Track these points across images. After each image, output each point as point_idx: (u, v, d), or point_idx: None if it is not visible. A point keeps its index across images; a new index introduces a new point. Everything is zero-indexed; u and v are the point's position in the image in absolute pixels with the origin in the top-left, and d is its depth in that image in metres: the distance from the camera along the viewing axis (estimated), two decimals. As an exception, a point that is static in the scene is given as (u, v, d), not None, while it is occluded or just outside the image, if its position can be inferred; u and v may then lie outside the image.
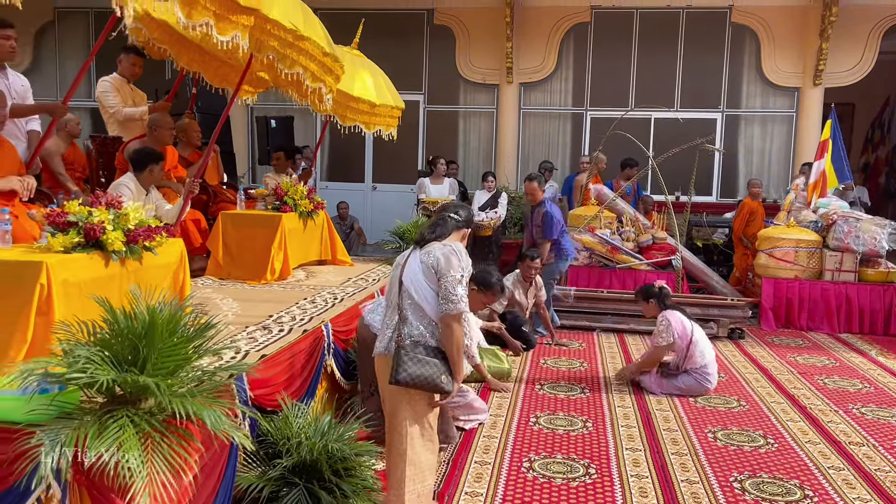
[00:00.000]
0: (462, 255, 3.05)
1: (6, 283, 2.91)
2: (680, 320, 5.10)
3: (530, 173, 6.90)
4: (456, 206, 3.37)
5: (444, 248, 3.06)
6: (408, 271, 3.07)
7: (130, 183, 4.88)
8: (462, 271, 3.01)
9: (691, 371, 5.04)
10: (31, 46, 11.63)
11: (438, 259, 3.00)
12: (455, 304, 2.94)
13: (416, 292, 3.01)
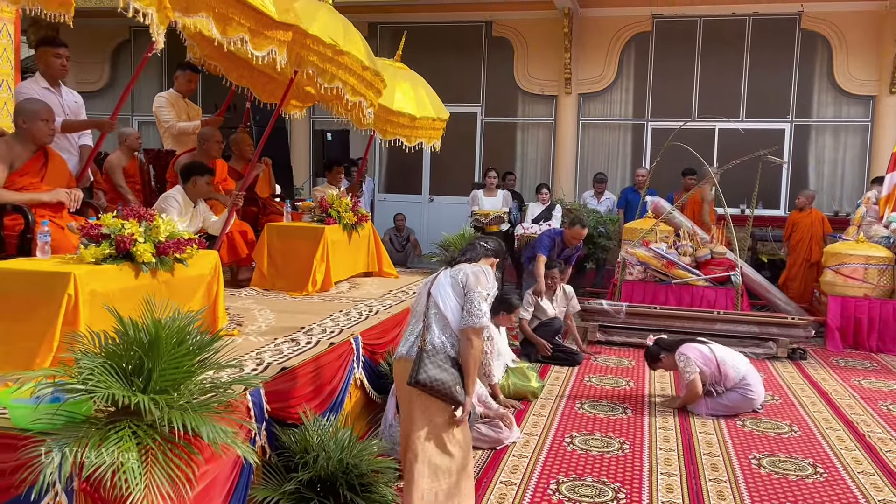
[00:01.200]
0: (489, 276, 3.18)
1: (37, 292, 3.02)
2: (695, 349, 4.95)
3: (582, 219, 6.71)
4: (487, 237, 3.59)
5: (475, 267, 3.19)
6: (437, 284, 3.19)
7: (178, 195, 5.02)
8: (488, 290, 3.12)
9: (733, 389, 4.84)
10: (108, 65, 12.20)
11: (468, 275, 3.12)
12: (478, 319, 3.02)
13: (442, 303, 3.09)
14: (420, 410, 3.04)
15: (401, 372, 3.13)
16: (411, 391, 3.02)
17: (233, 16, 3.86)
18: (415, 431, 3.04)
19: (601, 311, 7.06)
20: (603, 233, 9.31)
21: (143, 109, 10.90)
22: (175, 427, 2.25)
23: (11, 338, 3.03)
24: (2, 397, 2.43)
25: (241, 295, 5.21)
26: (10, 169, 3.93)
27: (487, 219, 8.51)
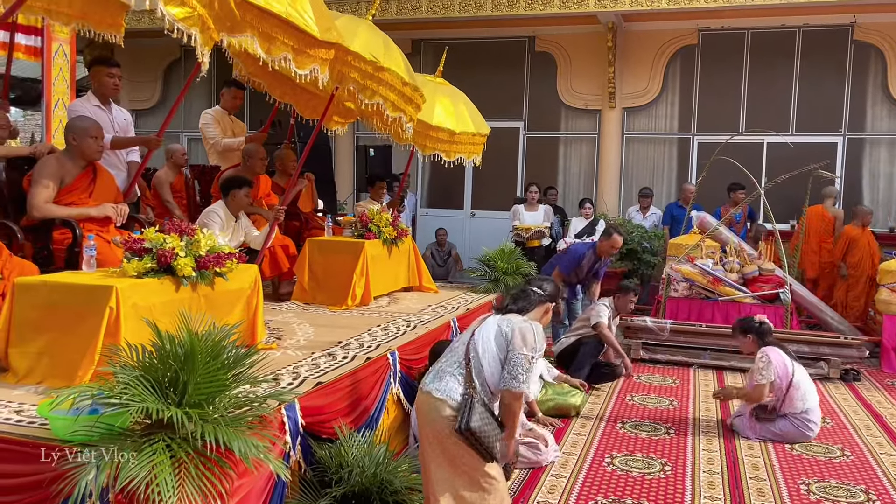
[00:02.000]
0: (538, 337, 3.07)
1: (80, 305, 3.09)
2: (781, 358, 4.73)
3: (619, 228, 6.51)
4: (542, 280, 3.48)
5: (525, 323, 3.09)
6: (483, 327, 3.13)
7: (220, 210, 5.11)
8: (534, 353, 3.02)
9: (790, 416, 4.65)
10: (160, 83, 12.54)
11: (514, 331, 3.02)
12: (518, 383, 2.94)
13: (481, 349, 3.04)
14: (448, 455, 2.94)
15: (423, 406, 3.05)
16: (441, 432, 2.93)
17: (276, 35, 3.93)
18: (440, 479, 2.95)
19: (645, 329, 6.94)
20: (647, 248, 9.17)
21: (193, 126, 11.14)
22: (208, 441, 2.27)
23: (56, 350, 3.11)
24: (43, 408, 2.48)
25: (281, 309, 5.25)
26: (60, 184, 4.05)
27: (528, 234, 8.46)
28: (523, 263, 6.78)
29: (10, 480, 2.42)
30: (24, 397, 2.92)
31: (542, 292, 3.29)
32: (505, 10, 9.75)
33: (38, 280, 3.26)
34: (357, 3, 10.04)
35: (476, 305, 5.82)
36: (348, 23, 5.02)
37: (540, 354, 3.08)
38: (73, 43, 8.34)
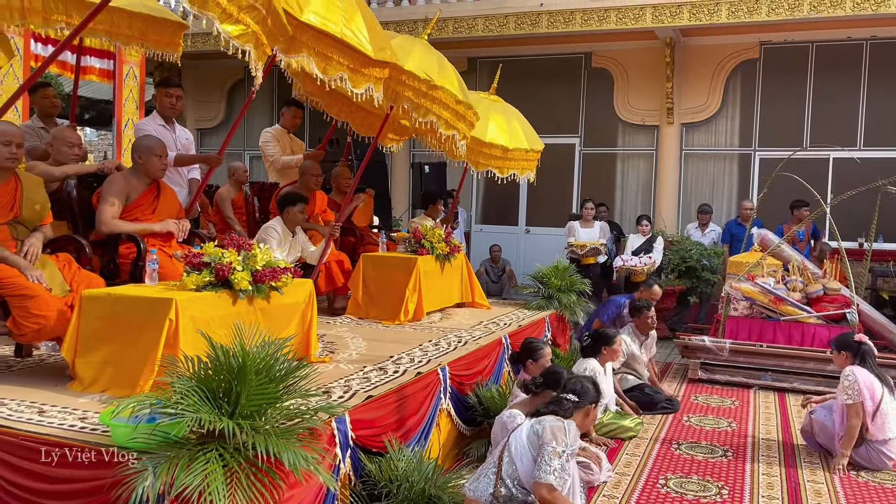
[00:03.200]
0: (571, 433, 3.08)
1: (142, 317, 3.20)
2: (870, 380, 4.47)
3: (658, 280, 6.40)
4: (580, 381, 3.40)
5: (557, 421, 3.11)
6: (518, 430, 3.19)
7: (277, 226, 5.24)
8: (566, 447, 3.02)
9: (870, 443, 4.41)
10: (224, 103, 12.92)
11: (545, 428, 3.07)
12: (546, 474, 2.95)
13: (514, 449, 3.10)
14: None
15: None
16: None
17: (332, 55, 4.03)
18: None
19: (703, 348, 6.77)
20: (706, 266, 8.98)
21: (254, 144, 11.44)
22: (259, 452, 2.32)
23: (119, 360, 3.23)
24: (105, 416, 2.58)
25: (336, 323, 5.33)
26: (126, 201, 4.22)
27: (583, 251, 8.38)
28: (577, 280, 6.73)
29: (74, 485, 2.53)
30: (88, 405, 3.04)
31: (576, 400, 3.28)
32: (561, 26, 9.75)
33: (104, 292, 3.40)
34: (414, 24, 10.19)
35: (528, 322, 5.79)
36: (404, 42, 5.11)
37: (573, 450, 3.08)
38: (143, 65, 8.72)
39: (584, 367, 4.86)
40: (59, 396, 3.17)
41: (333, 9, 4.02)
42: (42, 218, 3.83)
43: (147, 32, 4.65)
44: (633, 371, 5.77)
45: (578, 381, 3.41)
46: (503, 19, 9.97)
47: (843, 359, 4.67)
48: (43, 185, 3.90)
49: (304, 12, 3.82)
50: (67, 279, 3.66)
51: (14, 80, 7.02)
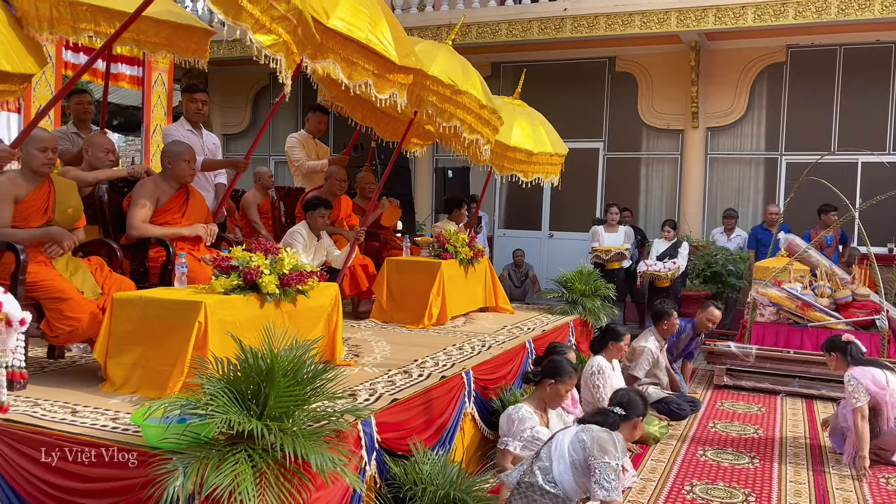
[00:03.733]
0: (619, 444, 3.08)
1: (172, 319, 3.26)
2: (869, 374, 4.48)
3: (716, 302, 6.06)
4: (622, 397, 3.41)
5: (603, 433, 3.11)
6: (562, 432, 3.23)
7: (303, 230, 5.29)
8: (618, 460, 3.03)
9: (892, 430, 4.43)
10: (250, 108, 13.07)
11: (593, 440, 3.06)
12: (611, 492, 2.96)
13: (555, 446, 3.14)
14: None
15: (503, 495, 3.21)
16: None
17: (358, 61, 4.08)
18: None
19: (729, 354, 6.71)
20: (732, 271, 8.90)
21: (279, 150, 11.55)
22: (287, 453, 2.35)
23: (150, 361, 3.29)
24: (136, 417, 2.62)
25: (360, 326, 5.37)
26: (156, 205, 4.29)
27: (608, 255, 8.35)
28: (602, 285, 6.70)
29: (106, 484, 2.58)
30: (120, 406, 3.10)
31: (623, 413, 3.28)
32: (585, 31, 9.74)
33: (135, 295, 3.46)
34: (437, 29, 10.23)
35: (552, 327, 5.79)
36: (428, 48, 5.15)
37: (624, 459, 3.10)
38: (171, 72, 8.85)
39: (590, 364, 4.87)
40: (92, 397, 3.23)
41: (359, 15, 4.07)
42: (75, 221, 3.90)
43: (174, 40, 4.72)
44: (655, 377, 5.73)
45: (627, 393, 3.39)
46: (527, 24, 9.98)
47: (834, 360, 4.75)
48: (76, 189, 3.98)
49: (330, 18, 3.87)
50: (99, 282, 3.73)
51: (46, 87, 7.17)
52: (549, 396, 3.99)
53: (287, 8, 3.20)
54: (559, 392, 3.96)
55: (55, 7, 4.16)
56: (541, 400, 4.07)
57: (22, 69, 4.04)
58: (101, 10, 4.27)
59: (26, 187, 3.64)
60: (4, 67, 3.91)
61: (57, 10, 4.15)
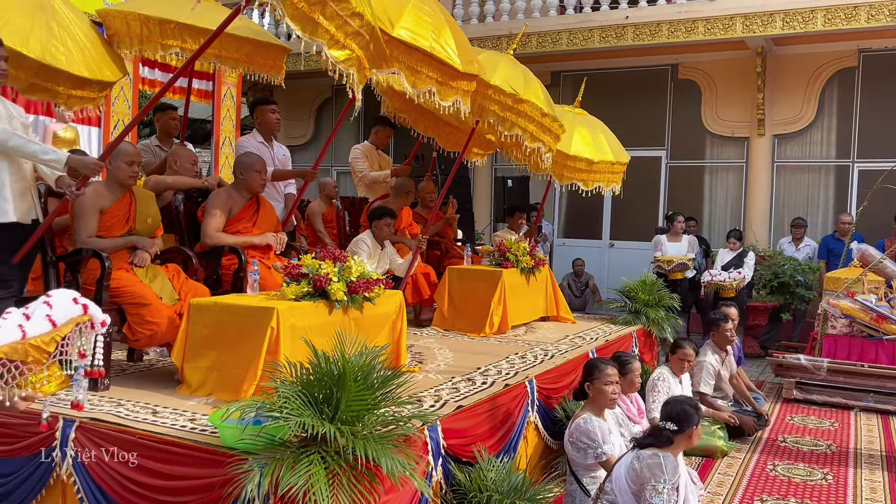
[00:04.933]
0: (668, 467, 3.07)
1: (246, 325, 3.37)
2: None
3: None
4: (672, 409, 3.32)
5: (653, 457, 3.11)
6: (619, 464, 3.26)
7: (367, 239, 5.39)
8: (664, 483, 3.03)
9: None
10: (313, 120, 13.36)
11: (643, 468, 3.09)
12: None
13: (615, 480, 3.19)
14: None
15: None
16: None
17: (421, 69, 4.15)
18: None
19: (799, 367, 6.53)
20: (801, 282, 8.65)
21: (343, 160, 11.77)
22: (358, 456, 2.41)
23: (225, 365, 3.41)
24: (214, 418, 2.73)
25: (422, 334, 5.43)
26: (228, 214, 4.44)
27: (670, 266, 8.21)
28: (665, 296, 6.60)
29: (186, 482, 2.68)
30: (196, 408, 3.22)
31: (674, 428, 3.22)
32: (647, 39, 9.64)
33: (210, 301, 3.60)
34: (497, 39, 10.28)
35: (615, 337, 5.74)
36: (489, 58, 5.19)
37: (674, 483, 3.06)
38: (240, 86, 9.14)
39: (654, 374, 4.82)
40: (170, 398, 3.37)
41: (423, 24, 4.15)
42: (153, 230, 4.08)
43: (253, 56, 4.90)
44: (720, 391, 5.61)
45: (677, 404, 3.31)
46: (587, 33, 9.94)
47: None
48: (154, 200, 4.16)
49: (395, 28, 3.96)
50: (176, 288, 3.89)
51: (124, 102, 7.50)
52: (596, 398, 3.89)
53: (360, 24, 3.30)
54: (601, 390, 3.82)
55: (145, 25, 4.38)
56: (593, 404, 4.01)
57: (100, 76, 4.26)
58: (187, 27, 4.47)
59: (110, 198, 3.83)
60: (83, 73, 4.13)
61: (146, 28, 4.38)
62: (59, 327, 1.94)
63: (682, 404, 3.31)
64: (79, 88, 4.29)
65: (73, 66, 4.08)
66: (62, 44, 4.04)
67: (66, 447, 2.94)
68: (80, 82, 4.21)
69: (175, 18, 4.46)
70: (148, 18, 4.42)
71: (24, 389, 1.87)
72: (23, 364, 1.82)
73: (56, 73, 4.03)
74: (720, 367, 5.50)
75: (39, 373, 1.90)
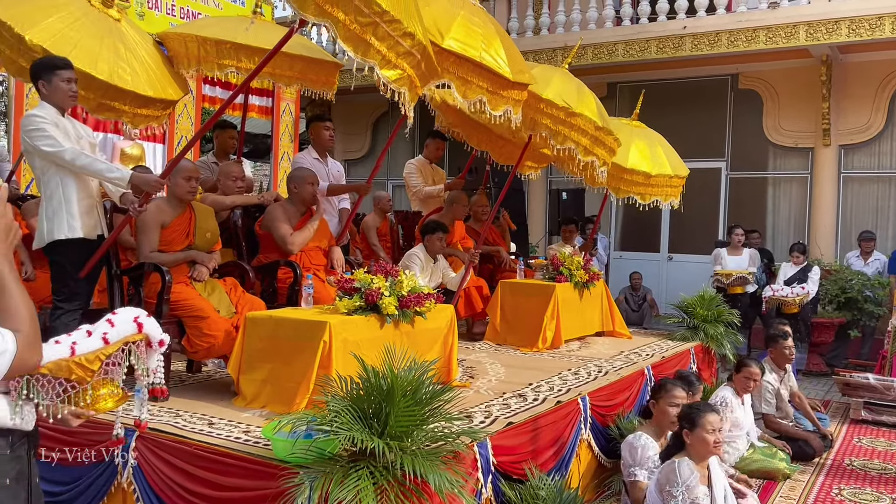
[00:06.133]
0: (681, 471, 3.15)
1: (299, 339, 3.43)
2: None
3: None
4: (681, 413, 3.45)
5: (670, 464, 3.21)
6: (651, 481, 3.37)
7: (420, 253, 5.43)
8: (678, 487, 3.12)
9: None
10: (369, 135, 13.54)
11: (662, 474, 3.23)
12: None
13: (649, 498, 3.30)
14: None
15: None
16: None
17: (472, 79, 4.19)
18: None
19: (867, 387, 6.26)
20: (870, 298, 8.31)
21: (397, 174, 11.89)
22: (407, 472, 2.42)
23: (279, 378, 3.47)
24: (267, 430, 2.78)
25: (474, 348, 5.42)
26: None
27: (729, 279, 8.00)
28: (725, 311, 6.43)
29: (239, 493, 2.74)
30: (251, 420, 3.29)
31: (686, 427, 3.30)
32: (706, 48, 9.46)
33: (266, 315, 3.67)
34: (553, 52, 10.25)
35: (672, 353, 5.61)
36: (543, 72, 5.19)
37: (691, 483, 3.13)
38: (298, 102, 9.34)
39: (716, 395, 4.71)
40: (226, 410, 3.44)
41: (473, 34, 4.18)
42: (212, 245, 4.19)
43: (306, 73, 5.00)
44: (780, 410, 5.41)
45: (685, 406, 3.44)
46: (644, 44, 9.81)
47: None
48: (213, 215, 4.27)
49: (444, 39, 4.00)
50: (233, 302, 3.98)
51: (188, 120, 7.75)
52: (659, 418, 3.85)
53: (412, 44, 3.34)
54: (665, 411, 3.80)
55: (202, 46, 4.53)
56: (656, 425, 3.94)
57: (163, 95, 4.41)
58: (243, 47, 4.61)
59: (171, 214, 3.96)
60: (147, 93, 4.28)
61: (204, 48, 4.53)
62: (107, 346, 1.99)
63: (690, 407, 3.42)
64: (144, 107, 4.45)
65: (138, 85, 4.23)
66: (128, 64, 4.20)
67: (128, 456, 3.04)
68: (144, 101, 4.37)
69: (231, 39, 4.60)
70: (205, 40, 4.57)
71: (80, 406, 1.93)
72: (66, 381, 1.87)
73: (122, 93, 4.19)
74: (779, 385, 5.32)
75: (99, 389, 1.96)
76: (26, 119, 3.59)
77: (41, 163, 3.62)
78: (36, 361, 1.57)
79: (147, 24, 7.02)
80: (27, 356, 1.51)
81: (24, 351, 1.50)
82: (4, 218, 1.55)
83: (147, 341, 2.28)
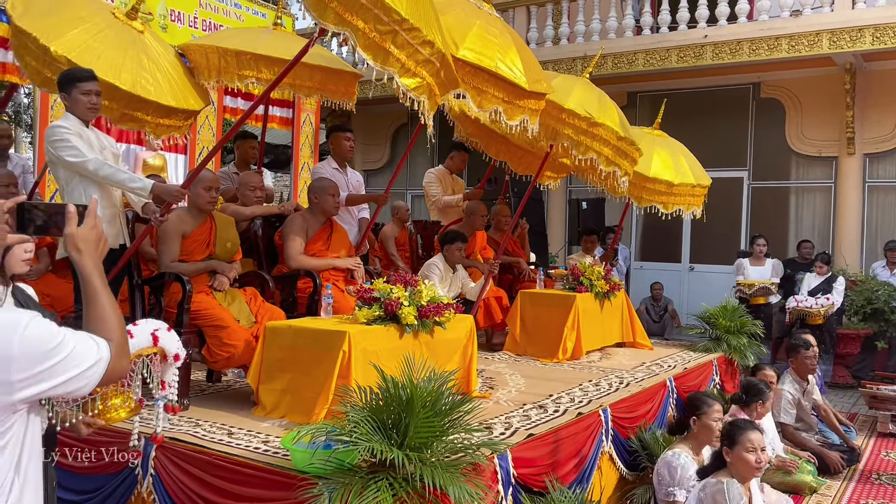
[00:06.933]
0: (732, 495, 3.09)
1: (318, 348, 3.42)
2: None
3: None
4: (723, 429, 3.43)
5: (718, 485, 3.16)
6: (689, 496, 3.33)
7: (439, 263, 5.41)
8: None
9: None
10: (389, 145, 13.58)
11: (707, 495, 3.17)
12: None
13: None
14: None
15: None
16: None
17: (487, 89, 4.18)
18: None
19: (894, 399, 6.14)
20: (896, 308, 8.17)
21: (416, 184, 11.91)
22: (426, 483, 2.39)
23: (298, 388, 3.46)
24: (286, 440, 2.77)
25: (494, 359, 5.39)
26: (305, 238, 4.54)
27: (752, 290, 7.90)
28: (748, 322, 6.34)
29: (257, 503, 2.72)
30: (270, 429, 3.28)
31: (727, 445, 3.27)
32: (727, 57, 9.39)
33: (285, 324, 3.67)
34: (573, 61, 10.23)
35: (694, 365, 5.54)
36: (564, 81, 5.17)
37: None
38: (318, 113, 9.39)
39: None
40: (245, 420, 3.44)
41: (489, 44, 4.17)
42: (233, 255, 4.20)
43: (326, 83, 5.02)
44: (802, 422, 5.32)
45: (727, 423, 3.39)
46: (664, 53, 9.76)
47: None
48: (234, 225, 4.29)
49: (460, 49, 3.99)
50: (253, 311, 3.99)
51: (209, 130, 7.82)
52: (700, 433, 3.79)
53: (431, 52, 3.34)
54: (708, 426, 3.76)
55: (223, 57, 4.56)
56: (694, 440, 3.87)
57: (185, 105, 4.45)
58: (263, 58, 4.64)
59: (192, 223, 3.98)
60: (169, 103, 4.32)
61: (224, 59, 4.56)
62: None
63: (731, 424, 3.37)
64: (166, 117, 4.48)
65: (160, 95, 4.27)
66: (151, 75, 4.24)
67: (147, 465, 3.04)
68: (166, 111, 4.40)
69: (251, 50, 4.63)
70: (225, 51, 4.60)
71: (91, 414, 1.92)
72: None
73: (145, 104, 4.23)
74: (800, 396, 5.23)
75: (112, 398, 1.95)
76: (50, 130, 3.63)
77: (65, 173, 3.65)
78: (125, 368, 1.60)
79: (170, 35, 7.09)
80: (119, 364, 1.54)
81: (116, 359, 1.52)
82: (95, 229, 1.58)
83: (162, 354, 2.28)
